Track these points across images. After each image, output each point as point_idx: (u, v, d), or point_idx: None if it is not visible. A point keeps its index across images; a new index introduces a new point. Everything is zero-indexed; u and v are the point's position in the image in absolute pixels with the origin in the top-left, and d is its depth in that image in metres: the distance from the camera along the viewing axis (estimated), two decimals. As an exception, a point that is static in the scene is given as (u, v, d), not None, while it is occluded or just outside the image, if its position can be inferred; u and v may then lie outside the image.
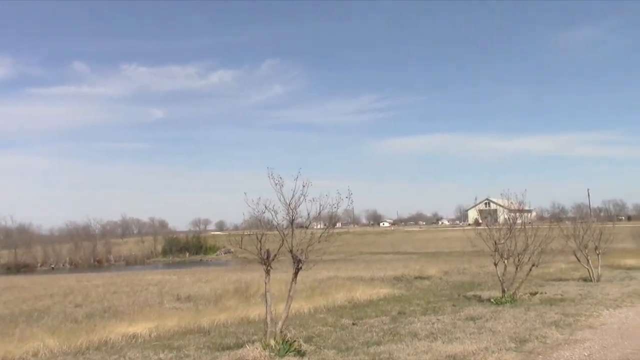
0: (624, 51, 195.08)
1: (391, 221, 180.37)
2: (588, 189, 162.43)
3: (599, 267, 22.86)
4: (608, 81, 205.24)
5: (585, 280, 21.97)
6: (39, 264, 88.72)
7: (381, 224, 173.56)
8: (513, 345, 9.94)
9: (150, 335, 12.78)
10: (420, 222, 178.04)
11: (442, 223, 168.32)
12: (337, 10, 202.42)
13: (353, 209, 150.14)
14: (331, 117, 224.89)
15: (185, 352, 10.39)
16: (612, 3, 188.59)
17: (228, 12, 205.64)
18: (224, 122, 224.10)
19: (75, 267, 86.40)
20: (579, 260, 22.93)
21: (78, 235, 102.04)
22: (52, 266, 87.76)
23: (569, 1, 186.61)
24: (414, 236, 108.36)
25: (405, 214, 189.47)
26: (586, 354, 9.23)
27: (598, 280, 21.61)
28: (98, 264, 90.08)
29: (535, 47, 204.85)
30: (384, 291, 19.95)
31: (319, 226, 11.44)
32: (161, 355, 10.15)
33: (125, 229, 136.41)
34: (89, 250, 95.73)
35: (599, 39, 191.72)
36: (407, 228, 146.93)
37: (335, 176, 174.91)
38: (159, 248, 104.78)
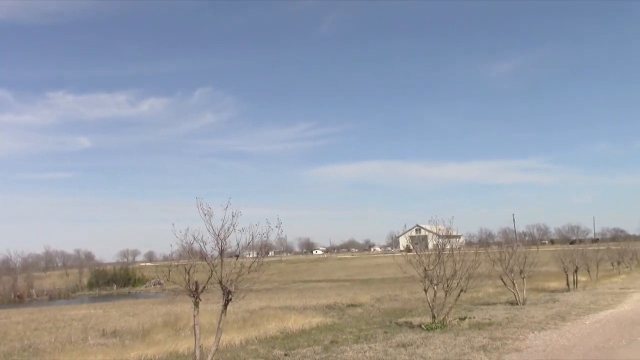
0: (543, 83, 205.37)
1: (324, 249, 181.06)
2: (513, 215, 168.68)
3: (525, 291, 23.54)
4: (529, 111, 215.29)
5: (511, 303, 22.56)
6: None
7: (314, 252, 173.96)
8: (443, 371, 10.03)
9: (72, 374, 12.20)
10: (353, 249, 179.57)
11: (374, 250, 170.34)
12: (271, 40, 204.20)
13: (286, 237, 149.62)
14: (263, 146, 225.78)
15: (110, 390, 9.96)
16: (533, 38, 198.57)
17: (159, 40, 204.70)
18: (155, 151, 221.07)
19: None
20: (505, 284, 23.58)
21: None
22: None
23: (493, 36, 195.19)
24: (346, 263, 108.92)
25: (337, 242, 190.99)
26: (513, 377, 9.42)
27: (524, 304, 22.23)
28: (19, 299, 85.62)
29: (463, 77, 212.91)
30: (316, 320, 19.81)
31: (250, 255, 11.30)
32: (83, 395, 9.68)
33: (48, 261, 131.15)
34: (9, 285, 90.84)
35: (524, 71, 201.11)
36: (339, 255, 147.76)
37: (267, 204, 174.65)
38: (85, 281, 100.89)
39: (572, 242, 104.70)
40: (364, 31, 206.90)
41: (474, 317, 17.99)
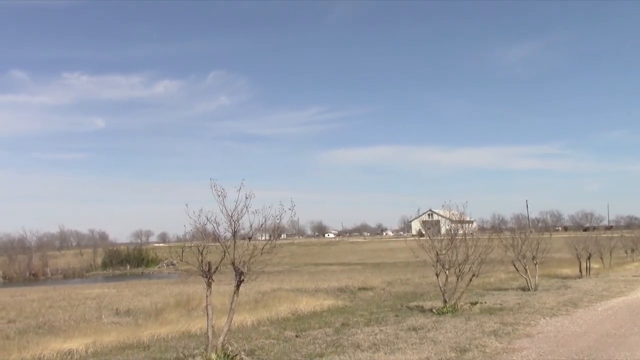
0: (560, 68, 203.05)
1: (336, 232, 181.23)
2: (527, 201, 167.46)
3: (537, 277, 23.51)
4: (545, 97, 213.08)
5: (523, 289, 22.53)
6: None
7: (326, 235, 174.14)
8: (453, 354, 10.07)
9: (86, 351, 12.34)
10: (365, 233, 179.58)
11: (387, 234, 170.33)
12: (284, 23, 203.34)
13: (298, 220, 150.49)
14: (277, 129, 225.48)
15: (123, 368, 10.09)
16: (547, 22, 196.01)
17: (174, 22, 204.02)
18: (168, 133, 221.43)
19: (10, 281, 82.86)
20: (517, 270, 23.54)
21: (12, 248, 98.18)
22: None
23: (511, 18, 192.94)
24: (358, 247, 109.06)
25: (350, 225, 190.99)
26: (524, 362, 9.43)
27: (535, 290, 22.19)
28: (34, 278, 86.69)
29: (478, 62, 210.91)
30: (327, 302, 19.91)
31: (263, 238, 11.35)
32: (97, 372, 9.81)
33: (63, 241, 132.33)
34: (24, 264, 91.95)
35: (537, 56, 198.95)
36: (351, 239, 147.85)
37: (280, 187, 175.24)
38: (99, 261, 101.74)
39: (585, 229, 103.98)
40: (377, 15, 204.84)
41: (485, 302, 17.99)
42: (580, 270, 30.17)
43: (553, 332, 12.46)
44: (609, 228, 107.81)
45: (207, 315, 9.97)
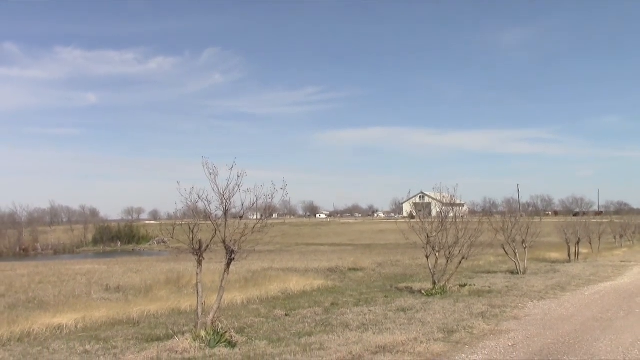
0: (555, 53, 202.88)
1: (327, 213, 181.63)
2: (518, 185, 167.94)
3: (526, 260, 23.70)
4: (539, 82, 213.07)
5: (512, 272, 22.72)
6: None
7: (318, 216, 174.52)
8: (441, 335, 10.16)
9: (76, 327, 12.38)
10: (356, 215, 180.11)
11: (378, 215, 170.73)
12: (281, 2, 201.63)
13: (290, 200, 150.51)
14: (270, 108, 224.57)
15: (113, 343, 10.12)
16: (545, 5, 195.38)
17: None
18: (162, 110, 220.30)
19: (0, 256, 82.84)
20: (506, 254, 23.74)
21: (3, 222, 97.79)
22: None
23: (508, 2, 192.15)
24: (349, 228, 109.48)
25: (341, 206, 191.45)
26: (510, 344, 9.52)
27: (524, 273, 22.38)
28: (24, 253, 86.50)
29: (472, 46, 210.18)
30: (317, 282, 20.03)
31: (254, 217, 11.35)
32: (87, 347, 9.83)
33: (54, 216, 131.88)
34: (15, 239, 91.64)
35: (533, 41, 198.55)
36: (343, 220, 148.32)
37: (273, 167, 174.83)
38: (90, 237, 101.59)
39: (575, 214, 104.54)
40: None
41: (474, 285, 18.13)
42: (569, 255, 30.42)
43: (540, 315, 12.58)
44: (598, 213, 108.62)
45: (197, 292, 10.00)
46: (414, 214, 26.65)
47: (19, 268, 35.93)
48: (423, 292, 16.40)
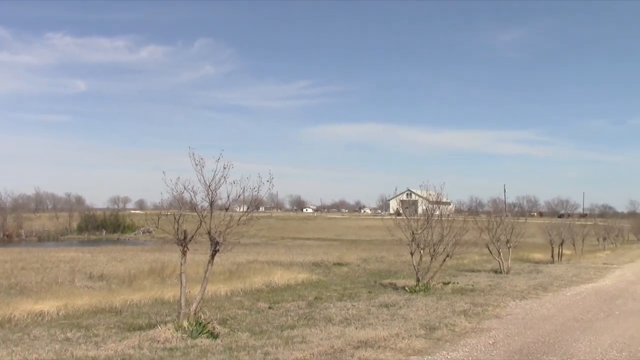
0: (547, 55, 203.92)
1: (314, 207, 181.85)
2: (504, 185, 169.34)
3: (509, 260, 23.86)
4: (530, 83, 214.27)
5: (495, 272, 22.87)
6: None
7: (304, 210, 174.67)
8: (423, 332, 10.22)
9: (58, 314, 12.34)
10: (343, 210, 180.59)
11: (364, 212, 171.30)
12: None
13: (277, 193, 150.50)
14: (261, 101, 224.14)
15: (95, 331, 10.09)
16: (537, 7, 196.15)
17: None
18: (152, 99, 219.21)
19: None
20: (491, 253, 23.89)
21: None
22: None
23: (503, 2, 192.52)
24: (336, 223, 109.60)
25: (328, 201, 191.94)
26: (491, 342, 9.60)
27: (507, 273, 22.53)
28: (8, 239, 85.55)
29: (466, 46, 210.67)
30: (302, 276, 20.06)
31: (240, 209, 11.33)
32: (68, 334, 9.81)
33: (38, 203, 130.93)
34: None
35: (527, 42, 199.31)
36: (329, 215, 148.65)
37: (262, 160, 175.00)
38: (75, 225, 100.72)
39: (560, 216, 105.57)
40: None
41: (458, 283, 18.23)
42: (552, 256, 30.66)
43: (521, 315, 12.68)
44: (583, 216, 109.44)
45: (181, 283, 9.99)
46: (400, 211, 26.76)
47: (2, 254, 35.59)
48: (407, 288, 16.47)
